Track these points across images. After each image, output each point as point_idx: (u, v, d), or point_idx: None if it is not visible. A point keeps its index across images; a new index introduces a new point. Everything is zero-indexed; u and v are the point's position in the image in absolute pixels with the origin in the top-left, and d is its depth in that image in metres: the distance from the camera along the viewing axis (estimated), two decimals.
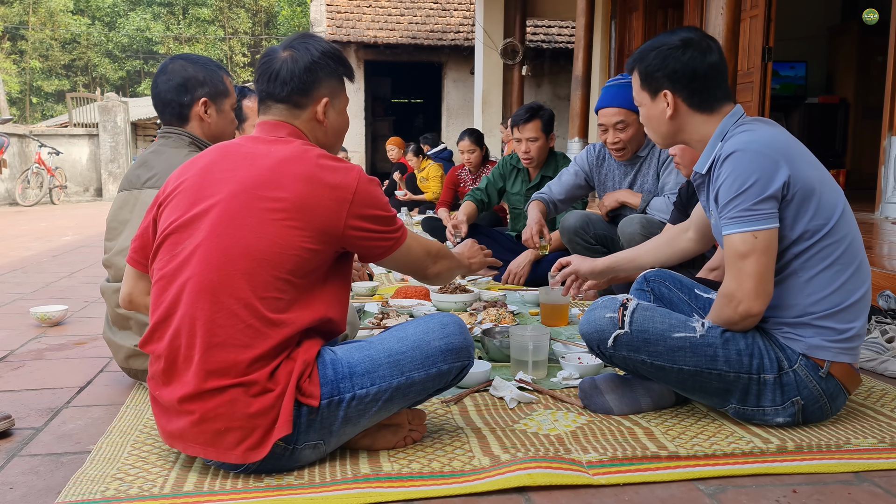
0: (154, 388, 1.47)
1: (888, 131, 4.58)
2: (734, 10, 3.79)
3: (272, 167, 1.44)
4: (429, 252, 1.69)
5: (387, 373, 1.49)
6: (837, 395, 1.69)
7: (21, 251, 5.61)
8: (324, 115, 1.57)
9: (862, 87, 8.00)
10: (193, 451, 1.43)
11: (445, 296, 3.07)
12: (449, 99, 13.44)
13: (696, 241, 2.05)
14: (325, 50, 1.57)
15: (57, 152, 11.91)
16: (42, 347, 2.66)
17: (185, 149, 2.05)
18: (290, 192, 1.42)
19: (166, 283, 1.45)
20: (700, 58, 1.71)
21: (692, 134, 1.77)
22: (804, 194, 1.61)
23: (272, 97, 1.55)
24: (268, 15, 33.15)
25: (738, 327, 1.67)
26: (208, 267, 1.40)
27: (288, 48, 1.56)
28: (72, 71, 30.46)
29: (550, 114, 3.90)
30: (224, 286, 1.39)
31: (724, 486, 1.45)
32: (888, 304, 2.77)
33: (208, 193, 1.46)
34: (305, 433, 1.43)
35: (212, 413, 1.38)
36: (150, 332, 1.47)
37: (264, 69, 1.55)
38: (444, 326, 1.56)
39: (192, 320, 1.40)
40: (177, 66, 2.08)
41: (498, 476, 1.43)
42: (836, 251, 1.63)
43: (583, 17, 6.81)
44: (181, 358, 1.42)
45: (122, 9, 30.46)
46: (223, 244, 1.41)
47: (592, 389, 1.84)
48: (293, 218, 1.41)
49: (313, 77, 1.54)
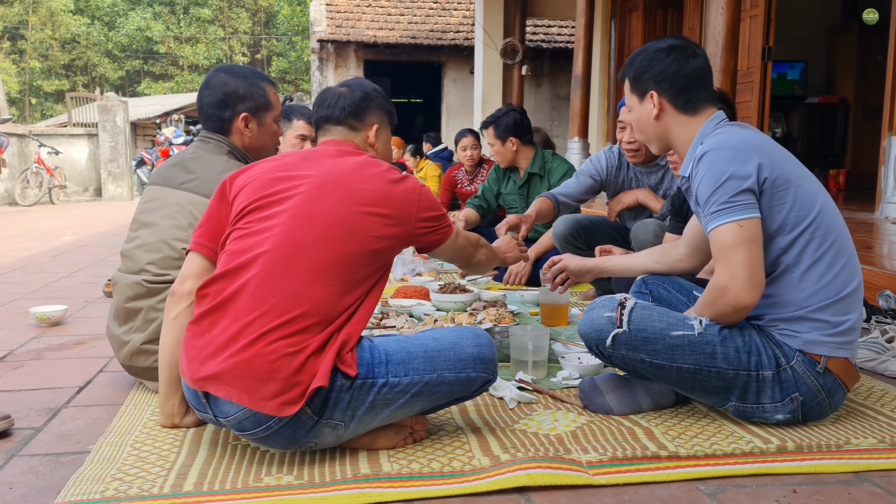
0: (197, 329, 1.50)
1: (888, 131, 4.58)
2: (734, 9, 3.79)
3: (354, 166, 1.61)
4: (471, 242, 1.92)
5: (421, 366, 1.54)
6: (836, 391, 1.69)
7: (20, 251, 5.61)
8: (375, 139, 1.78)
9: (862, 87, 8.00)
10: (226, 393, 1.43)
11: (445, 296, 3.07)
12: (449, 99, 13.44)
13: (688, 257, 2.05)
14: (376, 88, 1.82)
15: (56, 152, 11.91)
16: (41, 347, 2.66)
17: (223, 156, 2.07)
18: (374, 185, 1.58)
19: (248, 237, 1.55)
20: (683, 61, 1.78)
21: (677, 135, 1.82)
22: (780, 184, 1.64)
23: (330, 121, 1.75)
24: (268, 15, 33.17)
25: (729, 320, 1.67)
26: (294, 226, 1.51)
27: (343, 85, 1.79)
28: (71, 71, 30.47)
29: (509, 120, 3.96)
30: (302, 247, 1.49)
31: (724, 486, 1.45)
32: (888, 304, 2.77)
33: (298, 175, 1.59)
34: (332, 408, 1.47)
35: (259, 360, 1.41)
36: (221, 273, 1.52)
37: (324, 98, 1.77)
38: (477, 336, 1.64)
39: (268, 271, 1.47)
40: (219, 81, 2.09)
41: (498, 476, 1.43)
42: (825, 244, 1.65)
43: (583, 17, 6.81)
44: (243, 301, 1.46)
45: (121, 8, 30.46)
46: (309, 211, 1.52)
47: (592, 389, 1.84)
48: (377, 206, 1.56)
49: (367, 104, 1.76)
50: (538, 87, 12.69)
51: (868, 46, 7.80)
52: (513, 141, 3.96)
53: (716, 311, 1.67)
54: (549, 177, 3.96)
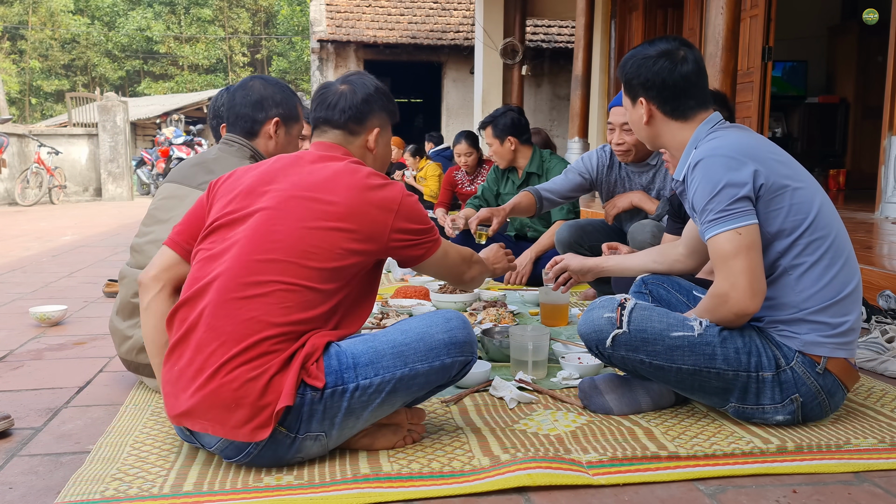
0: (169, 362, 1.50)
1: (888, 131, 4.58)
2: (734, 9, 3.79)
3: (327, 176, 1.56)
4: (464, 258, 1.80)
5: (390, 363, 1.51)
6: (836, 392, 1.69)
7: (20, 251, 5.61)
8: (374, 144, 1.72)
9: (862, 87, 8.00)
10: (202, 427, 1.44)
11: (445, 296, 3.07)
12: (449, 99, 13.43)
13: (687, 257, 2.05)
14: (378, 86, 1.74)
15: (56, 152, 11.91)
16: (41, 347, 2.66)
17: (246, 160, 2.08)
18: (342, 198, 1.52)
19: (208, 261, 1.52)
20: (671, 68, 1.76)
21: (669, 140, 1.83)
22: (775, 189, 1.63)
23: (329, 123, 1.69)
24: (268, 14, 33.17)
25: (729, 326, 1.68)
26: (249, 248, 1.48)
27: (345, 83, 1.71)
28: (71, 71, 30.46)
29: (507, 120, 3.97)
30: (257, 270, 1.46)
31: (724, 486, 1.45)
32: (888, 304, 2.77)
33: (263, 191, 1.56)
34: (308, 422, 1.45)
35: (224, 390, 1.41)
36: (183, 300, 1.52)
37: (322, 98, 1.70)
38: (447, 321, 1.60)
39: (221, 296, 1.45)
40: (256, 84, 2.13)
41: (498, 476, 1.43)
42: (822, 246, 1.65)
43: (583, 17, 6.81)
44: (202, 330, 1.45)
45: (121, 8, 30.46)
46: (270, 229, 1.49)
47: (592, 390, 1.84)
48: (342, 221, 1.50)
49: (369, 108, 1.69)
50: (538, 87, 12.68)
51: (868, 46, 7.80)
52: (511, 140, 3.97)
53: (717, 317, 1.67)
54: (546, 176, 3.96)
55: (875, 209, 4.80)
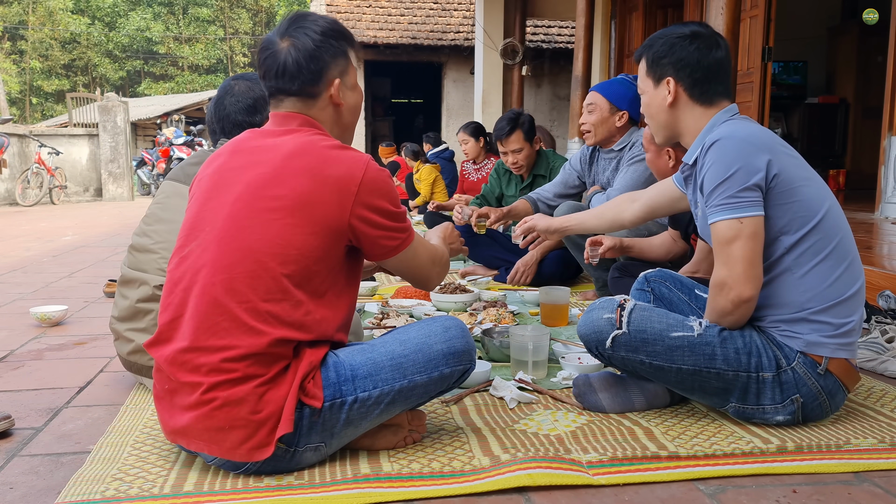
0: (159, 384, 1.47)
1: (888, 131, 4.58)
2: (734, 10, 3.79)
3: (276, 165, 1.44)
4: (433, 259, 1.67)
5: (389, 376, 1.49)
6: (836, 393, 1.69)
7: (21, 251, 5.61)
8: (339, 95, 1.55)
9: (862, 87, 8.00)
10: (197, 447, 1.42)
11: (445, 296, 3.07)
12: (449, 99, 13.43)
13: (638, 213, 2.18)
14: (324, 29, 1.52)
15: (57, 152, 11.91)
16: (42, 347, 2.66)
17: None
18: (290, 188, 1.42)
19: (173, 287, 1.48)
20: (706, 51, 1.76)
21: (689, 125, 1.81)
22: (785, 185, 1.63)
23: (283, 91, 1.53)
24: (268, 15, 33.17)
25: (732, 317, 1.67)
26: (214, 270, 1.42)
27: (286, 36, 1.51)
28: (72, 71, 30.47)
29: (529, 120, 3.96)
30: (229, 290, 1.40)
31: (724, 486, 1.45)
32: (888, 304, 2.77)
33: (218, 197, 1.48)
34: (307, 435, 1.44)
35: (217, 411, 1.38)
36: (160, 332, 1.47)
37: (269, 64, 1.52)
38: (446, 330, 1.57)
39: (199, 322, 1.41)
40: (243, 87, 2.10)
41: (498, 476, 1.43)
42: (828, 246, 1.65)
43: (583, 17, 6.81)
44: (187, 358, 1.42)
45: (122, 9, 30.47)
46: (229, 249, 1.42)
47: (586, 387, 1.84)
48: (293, 215, 1.41)
49: (320, 64, 1.51)
50: (538, 87, 12.68)
51: (868, 46, 7.80)
52: (536, 139, 3.99)
53: (718, 307, 1.67)
54: (550, 176, 3.96)
55: (875, 209, 4.81)
